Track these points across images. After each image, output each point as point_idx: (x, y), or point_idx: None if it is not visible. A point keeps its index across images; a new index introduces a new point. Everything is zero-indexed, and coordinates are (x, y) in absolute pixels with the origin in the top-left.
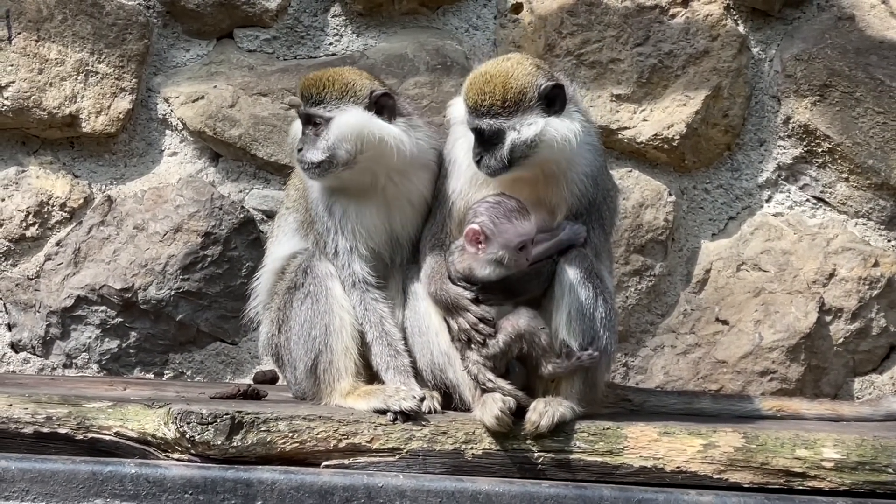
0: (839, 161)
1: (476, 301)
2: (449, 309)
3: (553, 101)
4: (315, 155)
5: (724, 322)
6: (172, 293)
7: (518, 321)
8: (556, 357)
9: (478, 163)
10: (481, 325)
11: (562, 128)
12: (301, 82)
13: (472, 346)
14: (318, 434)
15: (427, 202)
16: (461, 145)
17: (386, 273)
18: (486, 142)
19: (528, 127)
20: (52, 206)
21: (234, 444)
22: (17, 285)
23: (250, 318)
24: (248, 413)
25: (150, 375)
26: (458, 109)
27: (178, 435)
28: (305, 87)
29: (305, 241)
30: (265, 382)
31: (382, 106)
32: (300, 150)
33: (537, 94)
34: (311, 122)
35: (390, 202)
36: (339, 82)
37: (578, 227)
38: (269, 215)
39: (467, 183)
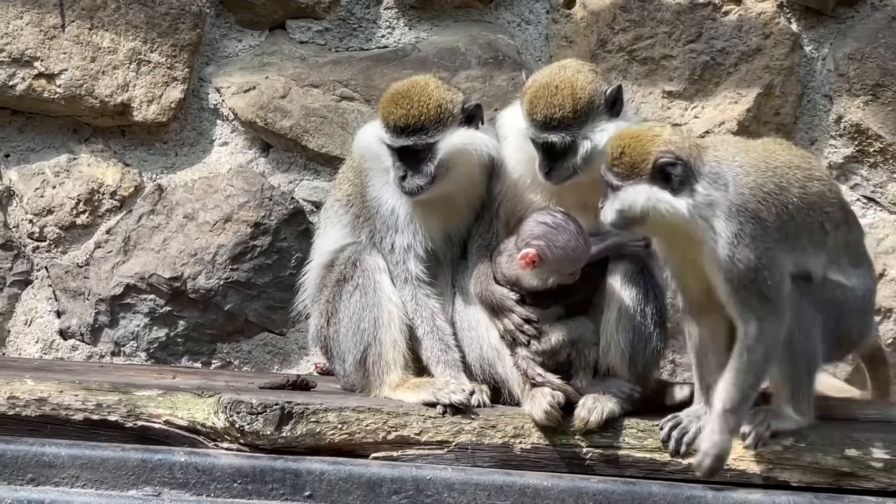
0: (891, 161)
1: (521, 302)
2: (494, 310)
3: (615, 102)
4: (422, 180)
5: None
6: (221, 283)
7: (577, 328)
8: (593, 377)
9: (547, 174)
10: (526, 327)
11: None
12: (390, 112)
13: (518, 346)
14: (367, 426)
15: (483, 202)
16: (510, 146)
17: (437, 268)
18: (556, 154)
19: (600, 134)
20: (103, 194)
21: (284, 434)
22: (66, 272)
23: (299, 310)
24: (298, 404)
25: (198, 365)
26: (515, 120)
27: (227, 424)
28: (400, 118)
29: (356, 234)
30: (327, 373)
31: (472, 116)
32: (403, 178)
33: (603, 100)
34: (412, 149)
35: (452, 204)
36: (432, 105)
37: (628, 234)
38: (319, 206)
39: (514, 185)
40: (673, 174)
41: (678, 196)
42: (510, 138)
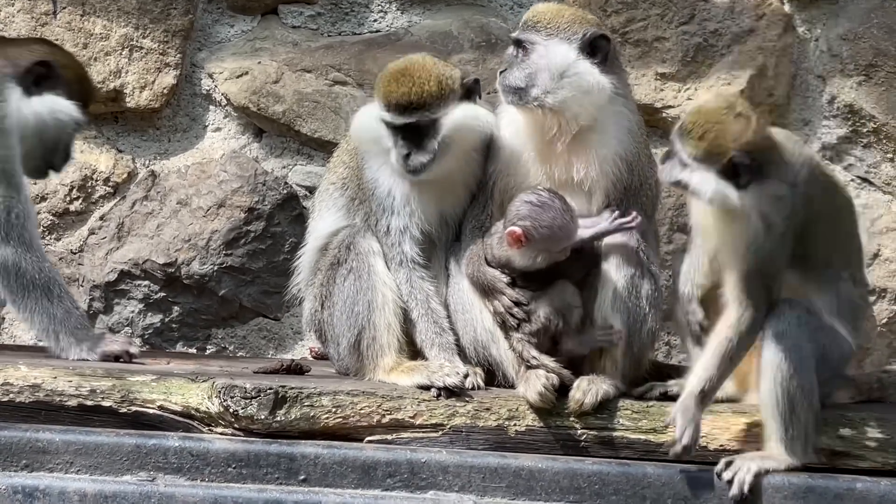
0: (884, 141)
1: (512, 284)
2: (485, 291)
3: (595, 51)
4: (424, 157)
5: None
6: (215, 268)
7: (559, 295)
8: (578, 335)
9: (500, 73)
10: (515, 310)
11: (593, 77)
12: (390, 90)
13: (508, 329)
14: (361, 409)
15: (478, 183)
16: (504, 124)
17: (431, 251)
18: (515, 57)
19: (559, 56)
20: (96, 180)
21: (278, 418)
22: (60, 259)
23: (293, 294)
24: (292, 388)
25: (193, 350)
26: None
27: (221, 409)
28: (402, 96)
29: (351, 217)
30: (321, 358)
31: (471, 91)
32: (407, 157)
33: (581, 36)
34: (415, 126)
35: (449, 185)
36: (433, 80)
37: (623, 220)
38: (312, 191)
39: (506, 163)
40: (742, 173)
41: (741, 191)
42: (504, 116)
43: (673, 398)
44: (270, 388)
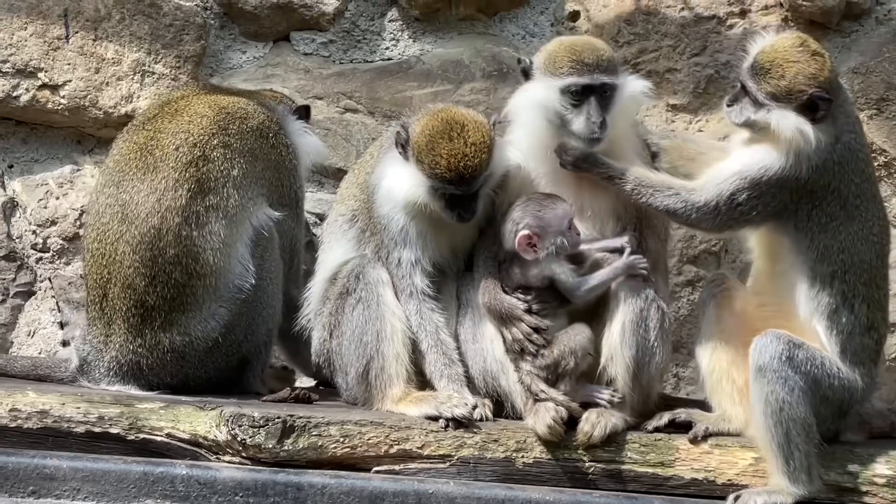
0: (895, 176)
1: (529, 311)
2: (503, 319)
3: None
4: (478, 208)
5: None
6: None
7: (576, 337)
8: (576, 382)
9: (590, 122)
10: (535, 336)
11: (638, 86)
12: (449, 164)
13: (525, 356)
14: (369, 439)
15: (488, 216)
16: (515, 157)
17: (441, 282)
18: (594, 99)
19: (631, 84)
20: None
21: (286, 447)
22: (69, 284)
23: (303, 325)
24: (300, 417)
25: None
26: (537, 88)
27: (229, 437)
28: (464, 168)
29: (361, 248)
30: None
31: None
32: (468, 216)
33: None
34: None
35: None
36: (487, 144)
37: (639, 259)
38: (323, 218)
39: (518, 193)
40: (821, 108)
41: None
42: (514, 151)
43: (681, 425)
44: (278, 417)
